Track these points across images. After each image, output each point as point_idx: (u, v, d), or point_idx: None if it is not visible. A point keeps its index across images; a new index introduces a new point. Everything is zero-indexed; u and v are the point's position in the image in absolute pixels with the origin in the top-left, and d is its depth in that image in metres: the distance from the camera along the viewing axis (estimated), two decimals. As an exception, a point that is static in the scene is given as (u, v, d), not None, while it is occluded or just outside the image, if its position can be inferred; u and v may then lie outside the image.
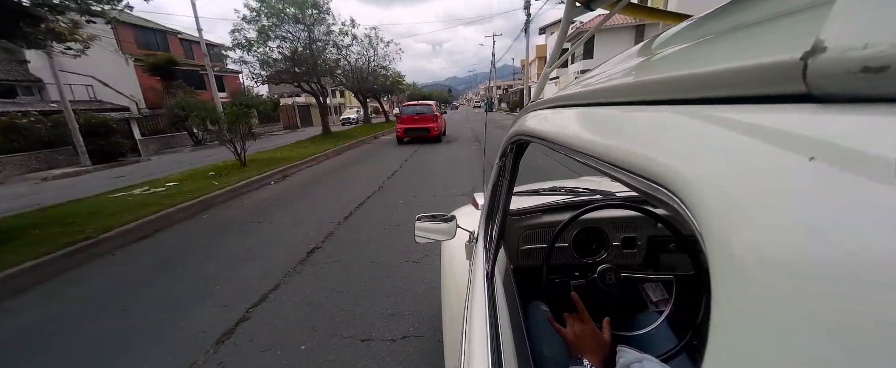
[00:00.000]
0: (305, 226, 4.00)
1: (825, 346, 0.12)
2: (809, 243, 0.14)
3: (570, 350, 0.84)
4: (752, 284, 0.15)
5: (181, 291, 2.76)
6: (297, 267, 2.99)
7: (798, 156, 0.15)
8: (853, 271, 0.12)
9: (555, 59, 0.73)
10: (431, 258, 2.90)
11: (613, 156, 0.31)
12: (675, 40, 0.34)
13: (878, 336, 0.11)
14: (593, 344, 0.80)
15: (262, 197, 5.58)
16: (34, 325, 2.45)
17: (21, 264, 3.11)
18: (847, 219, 0.13)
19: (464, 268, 1.32)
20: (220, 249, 3.56)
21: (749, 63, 0.19)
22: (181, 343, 2.12)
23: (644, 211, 1.13)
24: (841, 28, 0.14)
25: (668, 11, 0.65)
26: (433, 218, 1.34)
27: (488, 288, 0.88)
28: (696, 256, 1.03)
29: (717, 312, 0.17)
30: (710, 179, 0.20)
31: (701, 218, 0.19)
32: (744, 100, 0.20)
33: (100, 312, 2.55)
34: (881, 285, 0.11)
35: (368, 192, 5.38)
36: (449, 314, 1.40)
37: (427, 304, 2.34)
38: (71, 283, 3.08)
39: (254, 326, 2.24)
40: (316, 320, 2.26)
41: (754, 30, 0.22)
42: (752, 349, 0.15)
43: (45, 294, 2.92)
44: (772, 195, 0.16)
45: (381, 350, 1.97)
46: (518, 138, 0.74)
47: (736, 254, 0.17)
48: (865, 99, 0.14)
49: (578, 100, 0.47)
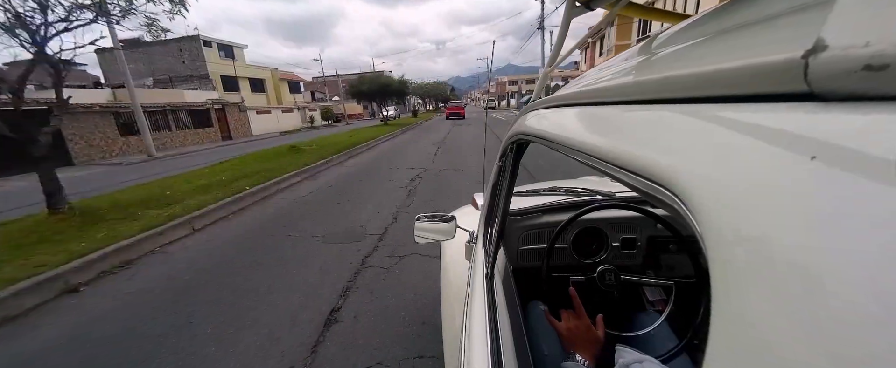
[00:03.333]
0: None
1: (826, 346, 0.12)
2: (810, 243, 0.14)
3: (562, 344, 0.84)
4: (752, 284, 0.15)
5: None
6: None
7: (799, 155, 0.15)
8: (853, 271, 0.12)
9: (554, 59, 0.73)
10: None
11: (613, 155, 0.31)
12: (675, 40, 0.34)
13: (879, 337, 0.11)
14: (586, 340, 0.80)
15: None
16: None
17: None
18: (848, 219, 0.13)
19: (463, 268, 1.31)
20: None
21: (750, 62, 0.19)
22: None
23: (644, 211, 1.13)
24: (842, 27, 0.14)
25: (668, 11, 0.65)
26: (433, 219, 1.33)
27: (488, 288, 0.88)
28: (695, 256, 1.03)
29: (717, 312, 0.17)
30: (710, 179, 0.20)
31: (701, 218, 0.19)
32: (744, 100, 0.20)
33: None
34: (881, 285, 0.11)
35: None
36: (449, 314, 1.40)
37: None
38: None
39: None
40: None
41: (755, 29, 0.22)
42: (753, 349, 0.15)
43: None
44: (772, 194, 0.16)
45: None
46: (518, 138, 0.74)
47: (736, 254, 0.16)
48: (867, 98, 0.14)
49: (578, 100, 0.47)
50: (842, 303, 0.12)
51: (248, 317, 2.33)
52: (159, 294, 2.76)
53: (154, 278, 3.05)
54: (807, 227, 0.14)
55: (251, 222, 4.43)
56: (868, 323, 0.11)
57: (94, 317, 2.50)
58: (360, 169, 7.74)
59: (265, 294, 2.62)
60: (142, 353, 2.07)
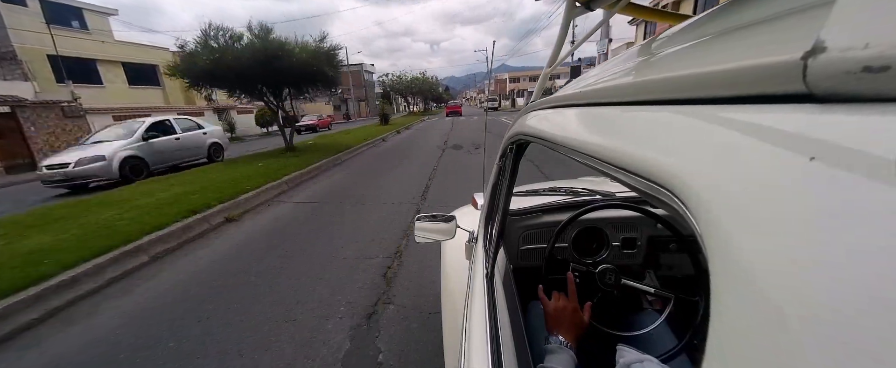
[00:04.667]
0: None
1: (826, 346, 0.12)
2: (809, 243, 0.14)
3: (547, 323, 0.84)
4: (751, 284, 0.15)
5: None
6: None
7: (798, 156, 0.15)
8: (853, 271, 0.12)
9: (555, 60, 0.73)
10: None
11: (613, 156, 0.31)
12: (675, 40, 0.34)
13: (879, 337, 0.11)
14: (570, 322, 0.81)
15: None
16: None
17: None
18: (847, 219, 0.13)
19: (463, 268, 1.31)
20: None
21: (749, 63, 0.19)
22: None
23: (644, 211, 1.13)
24: (841, 28, 0.14)
25: (668, 11, 0.65)
26: (433, 219, 1.33)
27: (488, 288, 0.88)
28: (695, 256, 1.03)
29: (717, 312, 0.17)
30: (709, 179, 0.20)
31: (700, 219, 0.19)
32: (744, 100, 0.20)
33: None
34: (881, 285, 0.11)
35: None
36: (449, 314, 1.40)
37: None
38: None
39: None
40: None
41: (754, 30, 0.22)
42: (753, 350, 0.15)
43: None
44: (772, 195, 0.16)
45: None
46: (518, 138, 0.74)
47: (736, 254, 0.17)
48: (866, 99, 0.14)
49: (578, 100, 0.47)
50: (842, 303, 0.12)
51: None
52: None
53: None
54: (806, 227, 0.14)
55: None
56: (868, 323, 0.11)
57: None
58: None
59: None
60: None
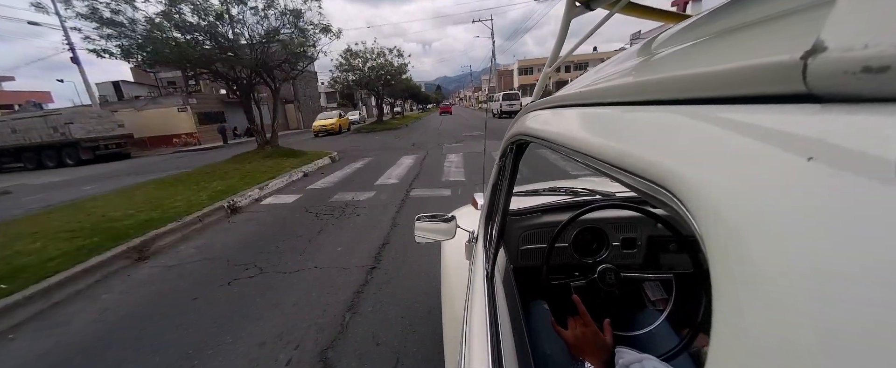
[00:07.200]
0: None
1: (826, 347, 0.12)
2: (809, 243, 0.14)
3: (570, 352, 0.84)
4: (752, 284, 0.15)
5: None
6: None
7: (797, 156, 0.15)
8: (853, 271, 0.12)
9: (555, 60, 0.73)
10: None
11: (613, 156, 0.31)
12: (675, 40, 0.34)
13: (879, 337, 0.11)
14: (594, 347, 0.79)
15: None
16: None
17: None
18: (847, 220, 0.13)
19: (463, 268, 1.31)
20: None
21: (749, 63, 0.19)
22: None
23: (644, 211, 1.13)
24: (841, 28, 0.14)
25: (668, 11, 0.65)
26: (433, 219, 1.33)
27: (488, 288, 0.88)
28: (695, 256, 1.03)
29: (718, 312, 0.17)
30: (709, 179, 0.20)
31: (700, 219, 0.19)
32: (743, 101, 0.20)
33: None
34: (881, 286, 0.11)
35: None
36: (449, 314, 1.40)
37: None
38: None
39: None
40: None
41: (754, 30, 0.22)
42: (754, 349, 0.15)
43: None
44: (771, 195, 0.16)
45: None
46: (518, 138, 0.74)
47: (735, 255, 0.17)
48: (866, 99, 0.14)
49: (578, 101, 0.46)
50: (842, 303, 0.12)
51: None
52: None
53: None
54: (806, 228, 0.14)
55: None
56: (868, 323, 0.11)
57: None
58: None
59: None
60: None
